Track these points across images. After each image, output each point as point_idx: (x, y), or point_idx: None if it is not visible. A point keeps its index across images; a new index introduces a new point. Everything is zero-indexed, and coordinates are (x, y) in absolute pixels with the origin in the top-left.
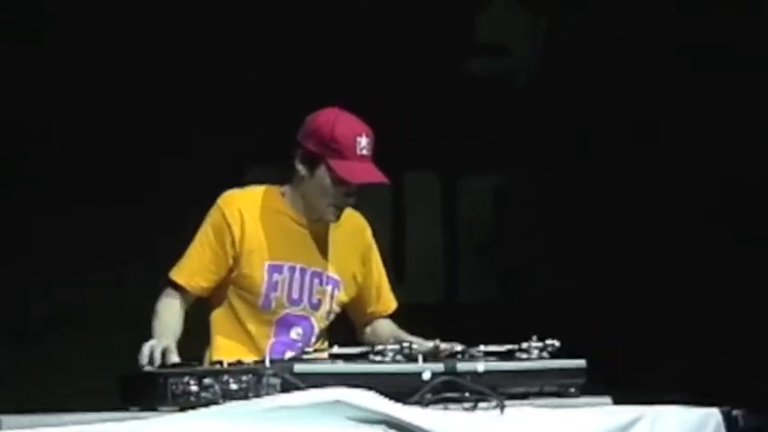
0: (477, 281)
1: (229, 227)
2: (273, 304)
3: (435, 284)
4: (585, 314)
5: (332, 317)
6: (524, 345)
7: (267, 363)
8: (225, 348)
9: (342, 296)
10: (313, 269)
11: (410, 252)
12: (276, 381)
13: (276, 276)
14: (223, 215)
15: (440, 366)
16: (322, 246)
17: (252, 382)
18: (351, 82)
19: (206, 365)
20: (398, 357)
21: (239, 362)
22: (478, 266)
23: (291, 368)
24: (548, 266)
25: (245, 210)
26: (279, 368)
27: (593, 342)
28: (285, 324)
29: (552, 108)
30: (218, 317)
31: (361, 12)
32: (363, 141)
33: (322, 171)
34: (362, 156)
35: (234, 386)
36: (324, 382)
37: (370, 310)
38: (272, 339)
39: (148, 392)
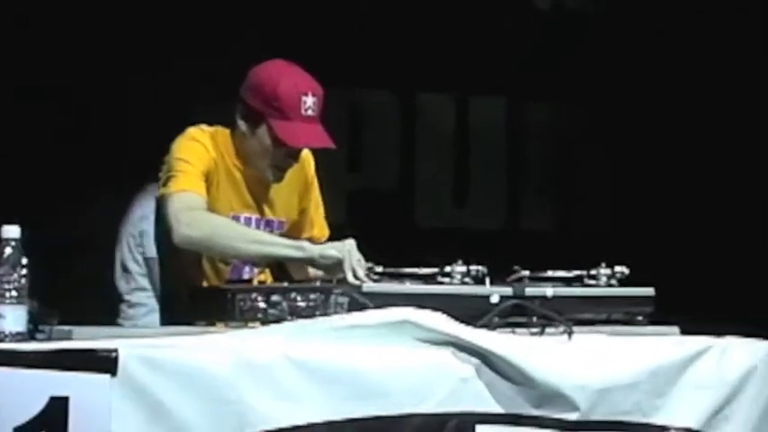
0: (539, 209)
1: (215, 168)
2: None
3: (497, 210)
4: (652, 245)
5: None
6: (593, 271)
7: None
8: None
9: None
10: (266, 218)
11: (473, 177)
12: (344, 299)
13: None
14: (211, 156)
15: (508, 290)
16: (267, 189)
17: (320, 300)
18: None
19: None
20: (467, 279)
21: (307, 279)
22: (540, 194)
23: (360, 287)
24: (610, 197)
25: (215, 154)
26: (347, 287)
27: (662, 272)
28: (237, 271)
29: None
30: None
31: None
32: (309, 101)
33: (263, 130)
34: (307, 117)
35: (302, 304)
36: (392, 302)
37: (302, 237)
38: None
39: (216, 308)
